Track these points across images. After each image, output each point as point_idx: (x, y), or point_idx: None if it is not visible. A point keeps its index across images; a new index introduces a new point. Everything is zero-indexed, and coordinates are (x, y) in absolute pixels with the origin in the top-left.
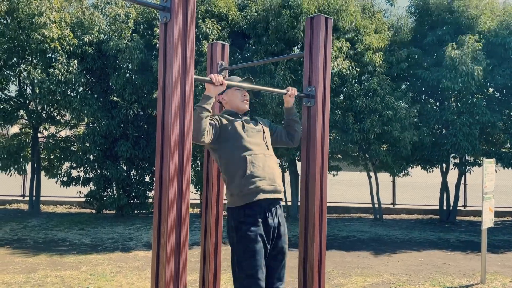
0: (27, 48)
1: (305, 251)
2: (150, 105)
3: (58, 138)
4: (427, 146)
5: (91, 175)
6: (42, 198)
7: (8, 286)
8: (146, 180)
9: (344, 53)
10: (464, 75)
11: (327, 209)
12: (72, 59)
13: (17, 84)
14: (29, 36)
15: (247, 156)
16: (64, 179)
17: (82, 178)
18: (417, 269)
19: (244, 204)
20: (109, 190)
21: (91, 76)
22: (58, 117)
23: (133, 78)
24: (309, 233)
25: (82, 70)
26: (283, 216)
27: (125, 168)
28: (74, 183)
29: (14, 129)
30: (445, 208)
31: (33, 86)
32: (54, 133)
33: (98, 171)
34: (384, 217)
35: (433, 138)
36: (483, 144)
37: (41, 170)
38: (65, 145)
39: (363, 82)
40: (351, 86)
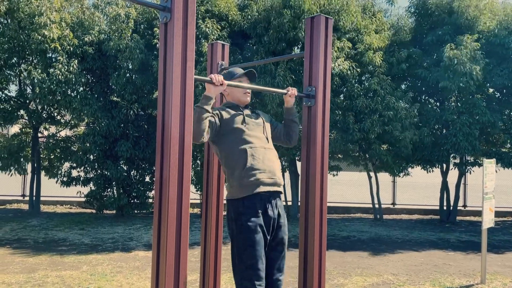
0: (27, 48)
1: (305, 251)
2: (150, 105)
3: (58, 138)
4: (427, 146)
5: (91, 175)
6: (42, 198)
7: (8, 286)
8: (146, 180)
9: (345, 53)
10: (462, 75)
11: (327, 209)
12: (72, 59)
13: (17, 84)
14: (29, 36)
15: (248, 149)
16: (64, 179)
17: (82, 178)
18: (417, 269)
19: (244, 196)
20: (109, 190)
21: (92, 76)
22: (58, 117)
23: (133, 78)
24: (309, 233)
25: (83, 70)
26: (283, 207)
27: (125, 168)
28: (74, 183)
29: (14, 129)
30: (445, 208)
31: (33, 86)
32: (54, 133)
33: (98, 171)
34: (384, 217)
35: (433, 138)
36: (483, 144)
37: (41, 170)
38: (65, 145)
39: (363, 82)
40: (352, 86)
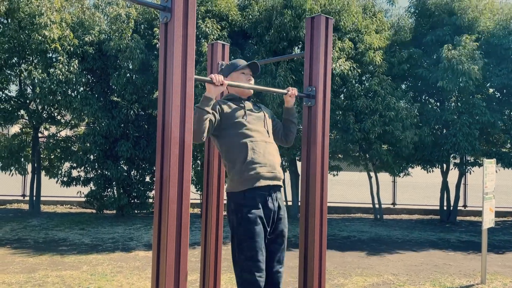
0: (28, 48)
1: (305, 251)
2: (151, 105)
3: (59, 138)
4: (428, 146)
5: (92, 175)
6: (43, 198)
7: (8, 286)
8: (147, 180)
9: (346, 53)
10: (461, 75)
11: (328, 209)
12: (72, 59)
13: (17, 84)
14: (29, 36)
15: (248, 142)
16: (64, 179)
17: (82, 178)
18: (417, 269)
19: (244, 189)
20: (109, 190)
21: (92, 76)
22: (59, 117)
23: (133, 78)
24: (309, 233)
25: (83, 70)
26: (283, 200)
27: (125, 168)
28: (74, 183)
29: (14, 129)
30: (445, 208)
31: (33, 86)
32: (54, 133)
33: (99, 171)
34: (384, 217)
35: (433, 138)
36: (484, 144)
37: (41, 170)
38: (65, 145)
39: (364, 82)
40: (352, 86)
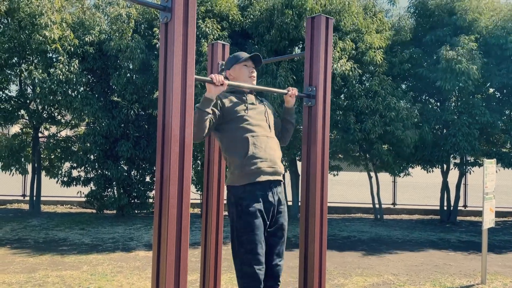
0: (28, 47)
1: (305, 251)
2: (151, 105)
3: (59, 138)
4: (428, 146)
5: (92, 175)
6: (43, 198)
7: (8, 286)
8: (147, 180)
9: (348, 53)
10: (460, 75)
11: (328, 209)
12: (73, 59)
13: (17, 84)
14: (30, 36)
15: (249, 137)
16: (64, 179)
17: (82, 178)
18: (417, 269)
19: (244, 184)
20: (109, 190)
21: (92, 76)
22: (59, 117)
23: (134, 78)
24: (309, 233)
25: (83, 70)
26: (283, 194)
27: (125, 168)
28: (74, 183)
29: (14, 128)
30: (445, 208)
31: (34, 86)
32: (54, 133)
33: (99, 171)
34: (384, 217)
35: (433, 138)
36: (484, 144)
37: (41, 170)
38: (65, 145)
39: (364, 83)
40: (353, 86)
